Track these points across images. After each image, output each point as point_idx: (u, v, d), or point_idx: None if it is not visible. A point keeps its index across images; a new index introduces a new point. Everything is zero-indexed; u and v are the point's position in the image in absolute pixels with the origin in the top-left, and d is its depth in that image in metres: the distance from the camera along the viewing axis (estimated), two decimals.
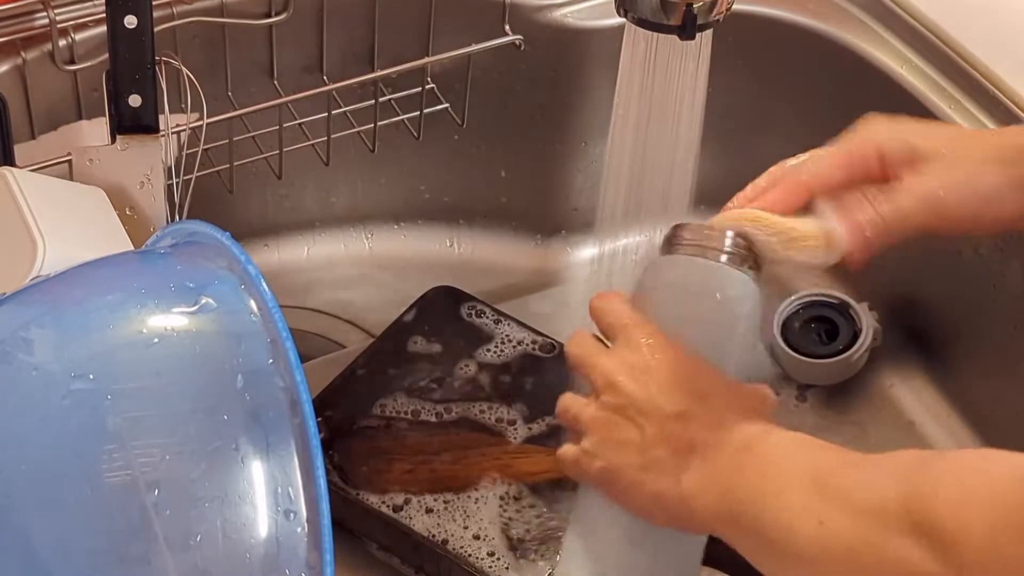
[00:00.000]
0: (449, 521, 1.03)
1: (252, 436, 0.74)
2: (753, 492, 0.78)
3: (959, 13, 1.22)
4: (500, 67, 1.28)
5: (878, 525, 0.70)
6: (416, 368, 1.14)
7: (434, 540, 1.02)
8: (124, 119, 1.05)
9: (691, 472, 0.82)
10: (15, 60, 1.12)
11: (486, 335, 1.17)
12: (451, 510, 1.04)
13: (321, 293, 1.33)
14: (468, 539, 1.02)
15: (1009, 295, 1.15)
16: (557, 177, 1.35)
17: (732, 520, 0.80)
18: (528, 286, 1.34)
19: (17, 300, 0.83)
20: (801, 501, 0.75)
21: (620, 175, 0.97)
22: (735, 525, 0.80)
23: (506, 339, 1.17)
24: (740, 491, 0.79)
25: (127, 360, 0.77)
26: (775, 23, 1.26)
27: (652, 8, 0.89)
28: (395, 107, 1.26)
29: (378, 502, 1.04)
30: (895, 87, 1.20)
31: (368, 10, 1.24)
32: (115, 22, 1.01)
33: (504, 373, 1.14)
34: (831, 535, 0.73)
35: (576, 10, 1.27)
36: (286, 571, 0.73)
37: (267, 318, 0.78)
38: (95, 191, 1.04)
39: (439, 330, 1.17)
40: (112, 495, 0.73)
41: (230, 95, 1.22)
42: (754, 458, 0.80)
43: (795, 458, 0.78)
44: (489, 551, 1.02)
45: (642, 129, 0.95)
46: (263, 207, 1.33)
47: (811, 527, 0.74)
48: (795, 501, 0.75)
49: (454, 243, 1.37)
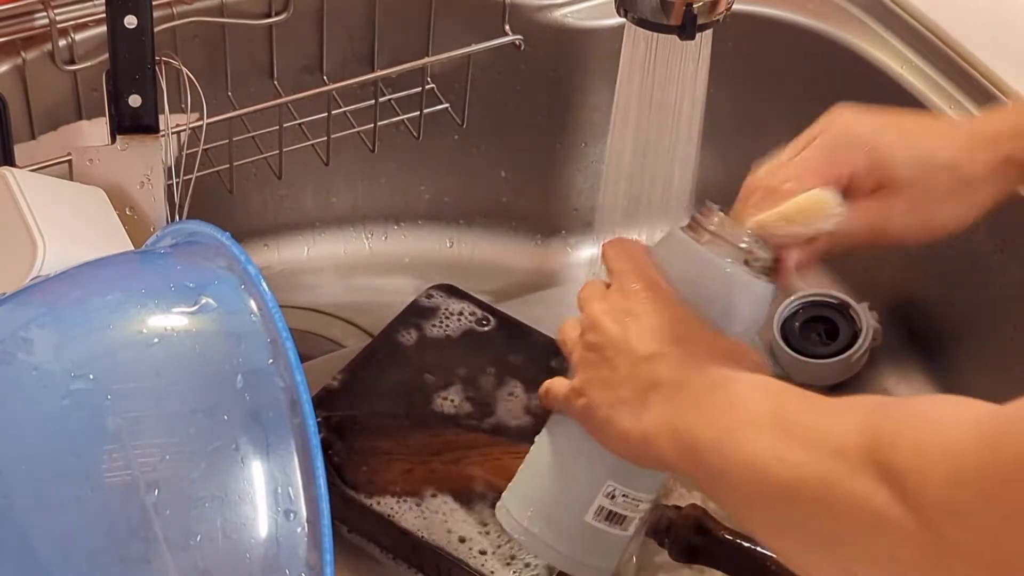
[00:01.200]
0: (449, 521, 1.03)
1: (252, 436, 0.74)
2: (714, 430, 0.79)
3: (959, 13, 1.22)
4: (500, 67, 1.28)
5: (840, 464, 0.70)
6: (416, 368, 1.14)
7: (433, 540, 1.02)
8: (124, 119, 1.05)
9: (651, 410, 0.83)
10: (15, 60, 1.12)
11: (486, 335, 1.17)
12: (451, 510, 1.04)
13: (321, 293, 1.33)
14: (468, 539, 1.02)
15: (1009, 295, 1.15)
16: (557, 177, 1.35)
17: (693, 459, 0.80)
18: (528, 286, 1.34)
19: (17, 300, 0.83)
20: (762, 439, 0.75)
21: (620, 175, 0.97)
22: (696, 463, 0.80)
23: (506, 339, 1.17)
24: (700, 429, 0.80)
25: (127, 360, 0.77)
26: (775, 23, 1.26)
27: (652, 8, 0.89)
28: (395, 107, 1.26)
29: (378, 502, 1.04)
30: (895, 87, 1.20)
31: (368, 10, 1.24)
32: (115, 22, 1.01)
33: (504, 373, 1.14)
34: (792, 471, 0.72)
35: (576, 10, 1.27)
36: (286, 571, 0.73)
37: (267, 318, 0.78)
38: (95, 191, 1.04)
39: (438, 329, 1.17)
40: (112, 495, 0.73)
41: (230, 95, 1.22)
42: (718, 398, 0.80)
43: (757, 397, 0.78)
44: (489, 551, 1.02)
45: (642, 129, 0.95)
46: (263, 207, 1.33)
47: (772, 464, 0.74)
48: (756, 438, 0.75)
49: (454, 243, 1.37)
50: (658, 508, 1.06)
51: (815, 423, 0.74)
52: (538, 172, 1.35)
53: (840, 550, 0.70)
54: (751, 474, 0.75)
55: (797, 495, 0.72)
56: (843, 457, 0.70)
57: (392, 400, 1.11)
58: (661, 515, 1.05)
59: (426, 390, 1.12)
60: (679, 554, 1.04)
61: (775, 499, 0.74)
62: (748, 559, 1.02)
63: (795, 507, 0.73)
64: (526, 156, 1.34)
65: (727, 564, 1.03)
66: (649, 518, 1.05)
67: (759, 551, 1.02)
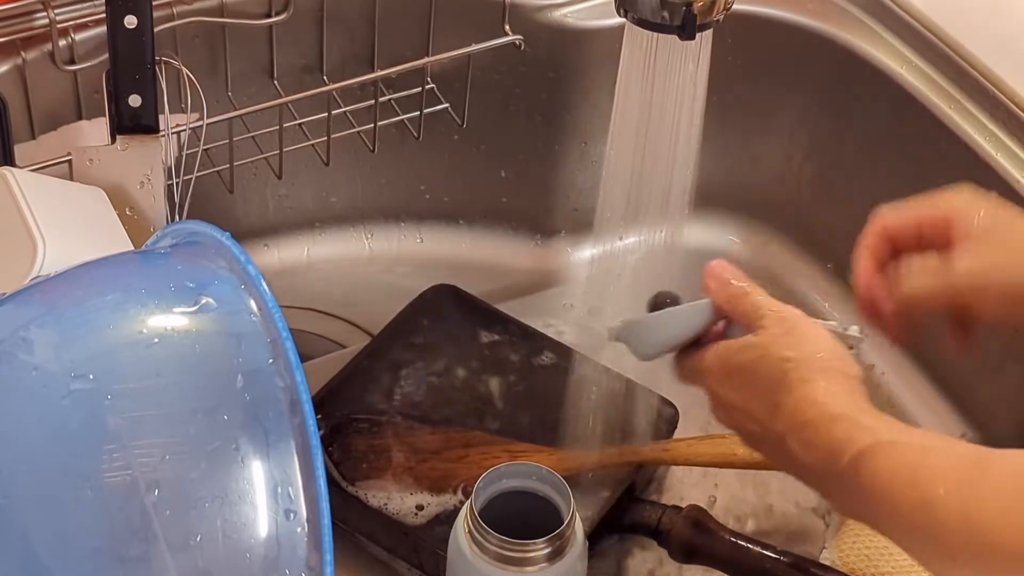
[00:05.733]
0: (449, 520, 1.03)
1: (252, 436, 0.74)
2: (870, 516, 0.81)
3: (959, 13, 1.22)
4: (500, 67, 1.28)
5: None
6: (416, 367, 1.14)
7: (434, 539, 1.02)
8: (124, 119, 1.05)
9: (793, 461, 0.84)
10: (15, 60, 1.12)
11: (485, 335, 1.17)
12: (451, 509, 1.04)
13: (321, 293, 1.33)
14: None
15: None
16: (557, 177, 1.35)
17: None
18: (528, 286, 1.34)
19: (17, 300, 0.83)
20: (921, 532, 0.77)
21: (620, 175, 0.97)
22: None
23: (505, 339, 1.17)
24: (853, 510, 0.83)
25: (127, 360, 0.77)
26: (775, 23, 1.26)
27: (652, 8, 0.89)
28: (395, 107, 1.26)
29: (378, 501, 1.04)
30: (895, 87, 1.21)
31: (368, 10, 1.24)
32: (115, 22, 1.01)
33: (504, 372, 1.14)
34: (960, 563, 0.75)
35: (576, 10, 1.27)
36: (286, 571, 0.73)
37: (267, 318, 0.78)
38: (95, 191, 1.04)
39: (438, 329, 1.17)
40: (112, 495, 0.73)
41: (230, 95, 1.22)
42: (851, 486, 0.81)
43: (897, 486, 0.79)
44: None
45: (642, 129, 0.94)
46: (263, 207, 1.33)
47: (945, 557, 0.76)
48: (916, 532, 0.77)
49: (454, 243, 1.37)
50: (658, 508, 1.06)
51: (963, 507, 0.74)
52: (538, 172, 1.35)
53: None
54: (923, 561, 0.79)
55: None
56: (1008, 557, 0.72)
57: (392, 400, 1.11)
58: (661, 515, 1.05)
59: (426, 389, 1.12)
60: (679, 554, 1.04)
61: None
62: (748, 559, 1.02)
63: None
64: (526, 156, 1.34)
65: (727, 564, 1.03)
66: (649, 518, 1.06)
67: (759, 551, 1.02)
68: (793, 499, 1.14)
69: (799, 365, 0.84)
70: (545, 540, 0.90)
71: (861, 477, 0.79)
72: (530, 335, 1.17)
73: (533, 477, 0.94)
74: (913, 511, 0.76)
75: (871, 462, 0.79)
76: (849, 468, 0.80)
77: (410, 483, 1.05)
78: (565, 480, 0.93)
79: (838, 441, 0.81)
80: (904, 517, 0.77)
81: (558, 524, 0.91)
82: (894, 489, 0.78)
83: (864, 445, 0.80)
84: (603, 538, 1.07)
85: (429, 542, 1.03)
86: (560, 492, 0.93)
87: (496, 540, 0.90)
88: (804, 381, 0.83)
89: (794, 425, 0.83)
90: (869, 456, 0.79)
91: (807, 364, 0.84)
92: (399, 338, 1.16)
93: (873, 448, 0.80)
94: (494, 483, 0.93)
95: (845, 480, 0.80)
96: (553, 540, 0.91)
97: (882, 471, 0.78)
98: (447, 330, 1.17)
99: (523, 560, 0.90)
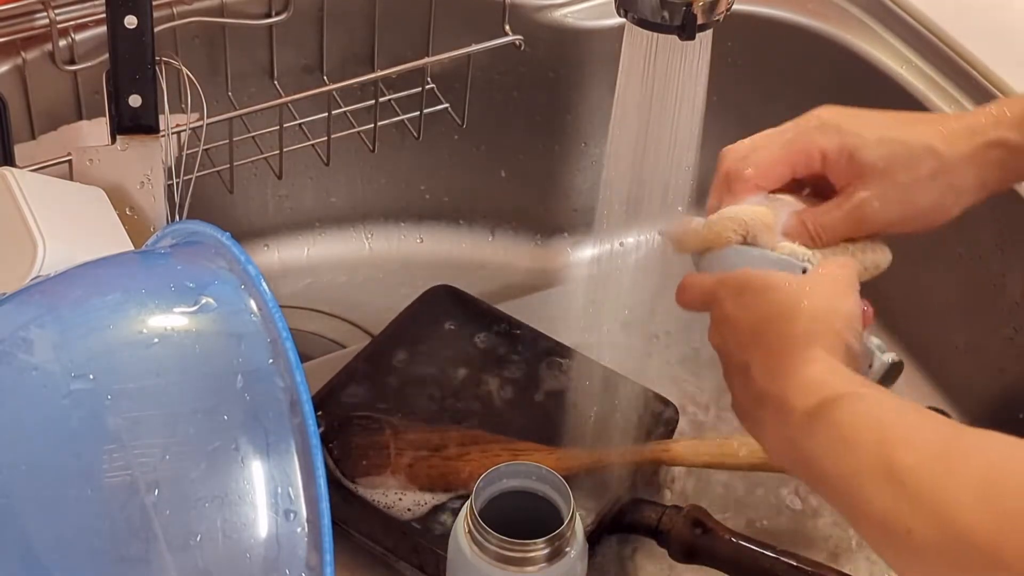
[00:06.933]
0: (449, 519, 1.03)
1: (252, 436, 0.74)
2: (835, 471, 0.77)
3: (959, 13, 1.22)
4: (500, 67, 1.28)
5: (972, 550, 0.70)
6: (416, 367, 1.14)
7: (434, 538, 1.02)
8: (124, 119, 1.05)
9: (767, 430, 0.83)
10: (15, 60, 1.12)
11: (485, 335, 1.17)
12: (451, 508, 1.04)
13: (321, 293, 1.33)
14: None
15: (1009, 297, 1.15)
16: (557, 177, 1.35)
17: (822, 491, 0.81)
18: (528, 286, 1.34)
19: (17, 300, 0.83)
20: (883, 497, 0.74)
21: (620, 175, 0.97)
22: (823, 494, 0.81)
23: (505, 339, 1.17)
24: (821, 464, 0.78)
25: (127, 360, 0.77)
26: (775, 23, 1.26)
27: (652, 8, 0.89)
28: (395, 107, 1.26)
29: (378, 500, 1.04)
30: (895, 87, 1.21)
31: (368, 10, 1.24)
32: (115, 22, 1.01)
33: (504, 371, 1.14)
34: (923, 543, 0.72)
35: (576, 10, 1.27)
36: (286, 571, 0.73)
37: (267, 318, 0.78)
38: (95, 191, 1.04)
39: (438, 329, 1.17)
40: (112, 495, 0.73)
41: (230, 95, 1.22)
42: (825, 433, 0.78)
43: (864, 438, 0.76)
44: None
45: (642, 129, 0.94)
46: (263, 207, 1.33)
47: (902, 535, 0.73)
48: (878, 496, 0.74)
49: (454, 243, 1.37)
50: (658, 508, 1.06)
51: (932, 485, 0.72)
52: (538, 172, 1.35)
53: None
54: (881, 532, 0.75)
55: (927, 558, 0.73)
56: (976, 548, 0.70)
57: (392, 399, 1.12)
58: (661, 515, 1.05)
59: (426, 389, 1.12)
60: (679, 554, 1.04)
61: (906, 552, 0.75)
62: (748, 559, 1.02)
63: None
64: (526, 156, 1.34)
65: (727, 564, 1.03)
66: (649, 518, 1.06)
67: (759, 551, 1.02)
68: (793, 500, 1.14)
69: (813, 321, 0.83)
70: (545, 540, 0.90)
71: (826, 422, 0.77)
72: (530, 335, 1.17)
73: (533, 477, 0.94)
74: (874, 472, 0.74)
75: (840, 408, 0.77)
76: (816, 409, 0.78)
77: (410, 480, 1.05)
78: (565, 480, 0.93)
79: (813, 380, 0.80)
80: (864, 475, 0.74)
81: (558, 524, 0.91)
82: (858, 441, 0.76)
83: (839, 392, 0.78)
84: (603, 538, 1.07)
85: (429, 542, 1.03)
86: (560, 492, 0.93)
87: (496, 540, 0.90)
88: (809, 334, 0.83)
89: (770, 353, 0.83)
90: (840, 402, 0.77)
91: (820, 321, 0.84)
92: (399, 338, 1.16)
93: (846, 397, 0.78)
94: (494, 483, 0.93)
95: (810, 422, 0.78)
96: (553, 540, 0.91)
97: (846, 422, 0.77)
98: (447, 330, 1.17)
99: (523, 560, 0.90)
